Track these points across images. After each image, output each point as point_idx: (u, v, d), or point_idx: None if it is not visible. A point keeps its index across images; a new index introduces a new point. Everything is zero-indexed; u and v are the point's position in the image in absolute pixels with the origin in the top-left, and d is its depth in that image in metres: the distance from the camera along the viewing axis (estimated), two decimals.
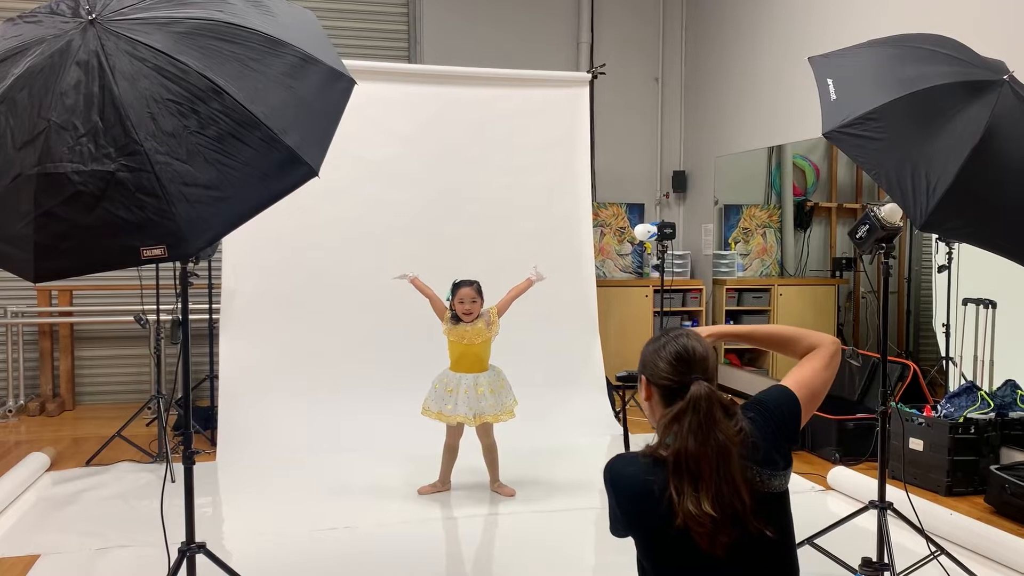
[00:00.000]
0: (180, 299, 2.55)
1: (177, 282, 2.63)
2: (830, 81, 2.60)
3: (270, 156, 2.09)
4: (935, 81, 2.47)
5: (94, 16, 2.10)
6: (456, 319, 3.92)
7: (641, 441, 1.69)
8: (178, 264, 2.52)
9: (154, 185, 1.97)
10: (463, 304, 3.88)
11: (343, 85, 2.33)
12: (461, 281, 3.94)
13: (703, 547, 1.52)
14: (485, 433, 4.01)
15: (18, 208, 1.98)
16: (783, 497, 1.66)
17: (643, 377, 1.76)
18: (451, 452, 4.06)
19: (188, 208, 1.99)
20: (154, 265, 4.60)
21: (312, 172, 2.17)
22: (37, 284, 2.85)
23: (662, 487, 1.57)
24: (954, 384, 4.78)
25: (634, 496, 1.62)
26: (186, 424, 2.64)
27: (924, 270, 5.78)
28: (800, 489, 4.05)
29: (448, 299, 3.95)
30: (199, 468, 3.81)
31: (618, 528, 1.70)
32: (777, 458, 1.64)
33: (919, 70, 2.53)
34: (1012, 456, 4.05)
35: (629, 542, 1.69)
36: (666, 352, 1.70)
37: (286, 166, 2.12)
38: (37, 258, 1.98)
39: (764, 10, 6.18)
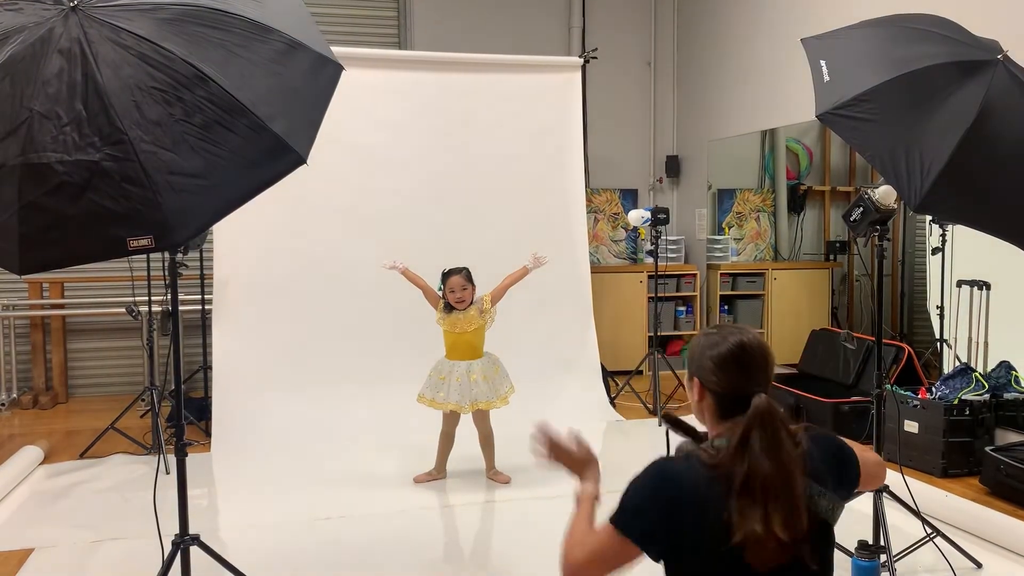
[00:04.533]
0: (169, 290, 2.52)
1: (166, 273, 2.60)
2: (823, 63, 2.58)
3: (257, 144, 2.07)
4: (929, 61, 2.45)
5: (76, 3, 2.07)
6: (449, 308, 3.91)
7: (635, 428, 1.66)
8: (167, 254, 2.49)
9: (140, 174, 1.95)
10: (454, 292, 3.87)
11: (330, 71, 2.30)
12: (450, 270, 3.93)
13: (754, 565, 1.41)
14: (481, 420, 4.01)
15: (1, 199, 1.95)
16: (829, 528, 1.55)
17: (695, 379, 1.58)
18: (447, 440, 4.05)
19: (175, 197, 1.97)
20: (144, 256, 4.57)
21: (300, 159, 2.15)
22: (23, 276, 2.82)
23: (718, 504, 1.43)
24: (949, 366, 4.78)
25: (691, 507, 1.45)
26: (178, 416, 2.62)
27: (918, 252, 5.78)
28: None
29: (439, 288, 3.93)
30: (193, 459, 3.79)
31: (650, 534, 1.52)
32: (827, 478, 1.53)
33: (913, 50, 2.51)
34: (1007, 437, 4.05)
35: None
36: (717, 353, 1.54)
37: (274, 153, 2.10)
38: (22, 250, 1.96)
39: None
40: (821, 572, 1.52)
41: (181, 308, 4.06)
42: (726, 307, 6.73)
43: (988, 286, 4.63)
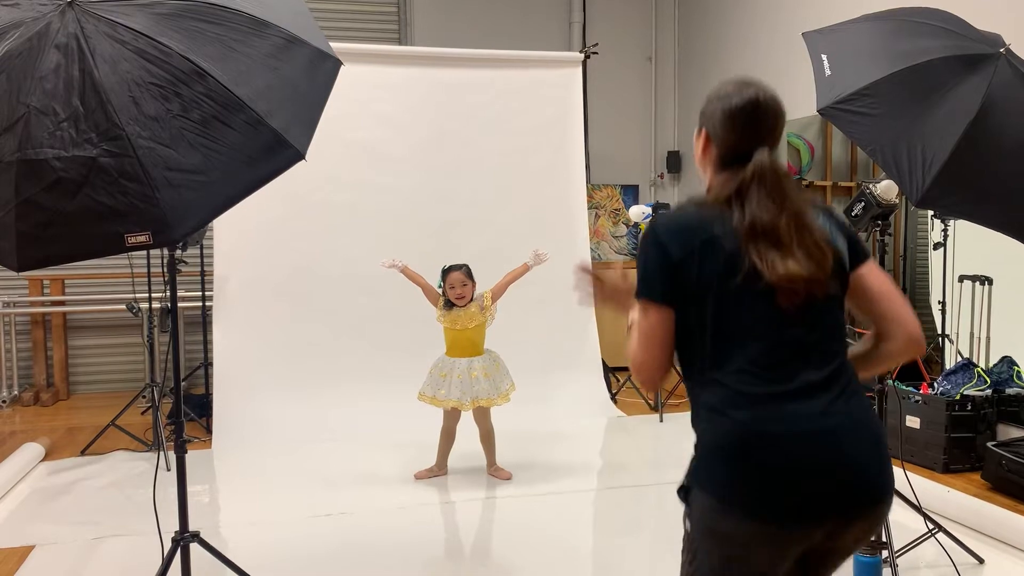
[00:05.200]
0: (168, 286, 2.52)
1: (165, 269, 2.60)
2: (824, 57, 2.56)
3: (256, 139, 2.06)
4: (931, 55, 2.44)
5: None
6: (449, 305, 3.90)
7: (636, 424, 1.66)
8: (166, 251, 2.48)
9: (137, 170, 1.94)
10: (454, 289, 3.86)
11: (329, 66, 2.29)
12: (450, 266, 3.92)
13: (782, 303, 1.45)
14: (482, 417, 4.00)
15: None
16: (844, 270, 1.56)
17: (703, 129, 1.59)
18: (448, 437, 4.05)
19: (172, 193, 1.96)
20: (145, 252, 4.57)
21: (299, 155, 2.14)
22: (21, 273, 2.81)
23: (727, 222, 1.47)
24: (951, 361, 4.77)
25: (697, 223, 1.49)
26: (177, 412, 2.61)
27: (920, 247, 5.77)
28: None
29: (439, 285, 3.93)
30: (194, 456, 3.80)
31: (662, 285, 1.52)
32: (837, 236, 1.55)
33: (914, 44, 2.50)
34: (1008, 432, 4.04)
35: (628, 530, 1.64)
36: (729, 104, 1.53)
37: (272, 149, 2.09)
38: (20, 246, 1.95)
39: None
40: (838, 314, 1.53)
41: (182, 305, 4.06)
42: None
43: (990, 281, 4.61)
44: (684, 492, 1.52)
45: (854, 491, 1.45)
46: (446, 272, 3.91)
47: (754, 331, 1.47)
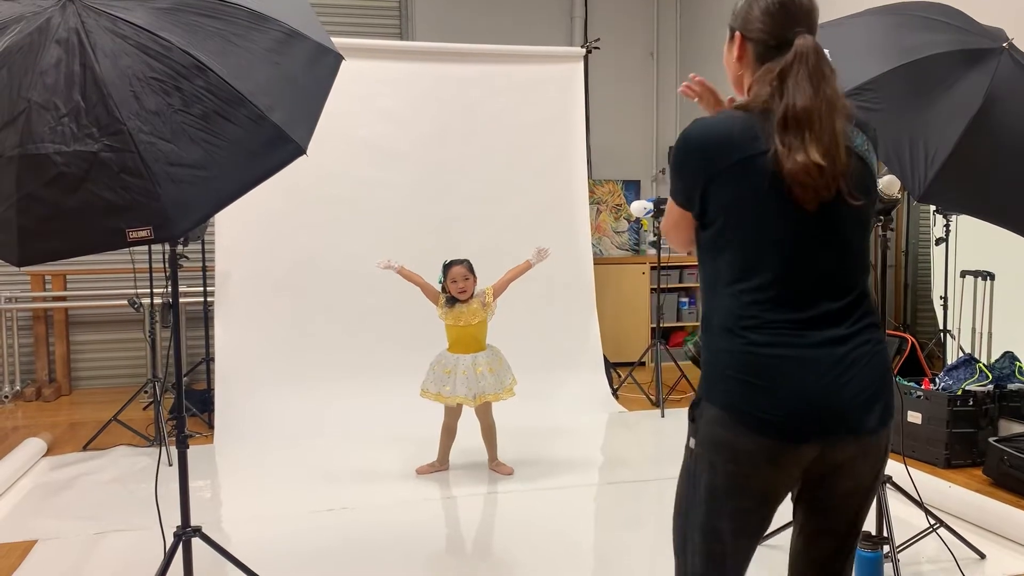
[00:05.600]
0: (170, 282, 2.52)
1: (167, 265, 2.60)
2: (827, 51, 2.55)
3: (257, 134, 2.06)
4: (933, 50, 2.43)
5: None
6: (451, 301, 3.90)
7: (638, 419, 1.67)
8: (167, 246, 2.48)
9: (138, 165, 1.94)
10: (456, 283, 3.86)
11: (330, 61, 2.28)
12: (452, 261, 3.93)
13: (800, 199, 1.46)
14: (484, 413, 4.00)
15: (0, 191, 1.94)
16: (870, 172, 1.58)
17: (737, 33, 1.59)
18: (449, 433, 4.05)
19: (174, 188, 1.96)
20: (147, 248, 4.57)
21: (300, 150, 2.13)
22: (22, 268, 2.81)
23: (757, 136, 1.47)
24: (952, 357, 4.77)
25: (727, 139, 1.49)
26: (179, 408, 2.62)
27: (922, 242, 5.76)
28: None
29: (440, 281, 3.93)
30: (196, 451, 3.81)
31: (684, 196, 1.56)
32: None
33: (917, 39, 2.49)
34: (1010, 428, 4.04)
35: (630, 525, 1.66)
36: (765, 1, 1.54)
37: (273, 144, 2.09)
38: (21, 241, 1.95)
39: None
40: (864, 211, 1.55)
41: (183, 300, 4.05)
42: None
43: (992, 276, 4.61)
44: (693, 408, 1.58)
45: (850, 414, 1.50)
46: (448, 266, 3.91)
47: (778, 254, 1.49)
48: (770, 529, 1.73)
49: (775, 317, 1.49)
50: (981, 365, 4.13)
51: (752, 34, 1.57)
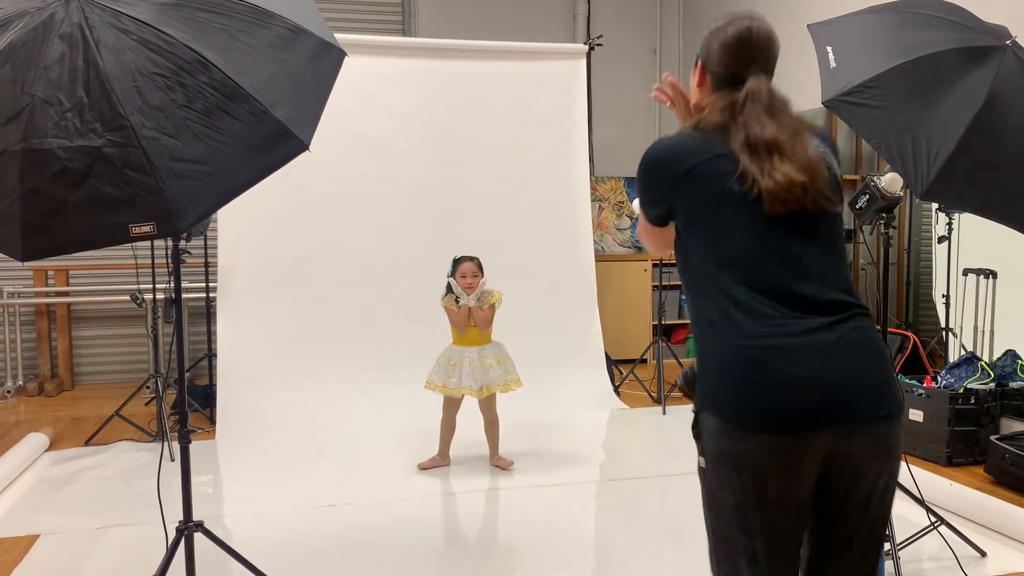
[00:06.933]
0: (172, 277, 2.52)
1: (169, 260, 2.60)
2: (830, 49, 2.55)
3: (260, 130, 2.06)
4: (936, 47, 2.43)
5: None
6: (458, 300, 3.91)
7: (639, 416, 1.67)
8: (170, 241, 2.48)
9: (142, 160, 1.94)
10: (465, 278, 3.88)
11: (333, 57, 2.28)
12: (462, 257, 3.95)
13: (774, 209, 1.50)
14: (488, 407, 4.01)
15: (3, 186, 1.94)
16: (838, 184, 1.63)
17: (700, 62, 1.69)
18: (448, 427, 4.06)
19: (177, 184, 1.96)
20: (149, 243, 4.58)
21: (303, 146, 2.13)
22: (26, 263, 2.82)
23: (719, 146, 1.54)
24: (954, 355, 4.77)
25: (684, 150, 1.57)
26: (181, 403, 2.62)
27: (924, 240, 5.75)
28: None
29: (449, 275, 3.94)
30: (199, 447, 3.81)
31: (654, 209, 1.67)
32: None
33: (920, 36, 2.49)
34: (1012, 426, 4.04)
35: (631, 521, 1.66)
36: (726, 35, 1.64)
37: (276, 140, 2.09)
38: (24, 236, 1.95)
39: None
40: (834, 208, 1.59)
41: (186, 296, 4.05)
42: None
43: (994, 274, 4.60)
44: (695, 424, 1.56)
45: (852, 398, 1.47)
46: (458, 261, 3.94)
47: (753, 246, 1.51)
48: None
49: (760, 310, 1.48)
50: (983, 363, 4.13)
51: (711, 66, 1.65)
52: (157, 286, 4.76)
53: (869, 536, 1.56)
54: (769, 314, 1.48)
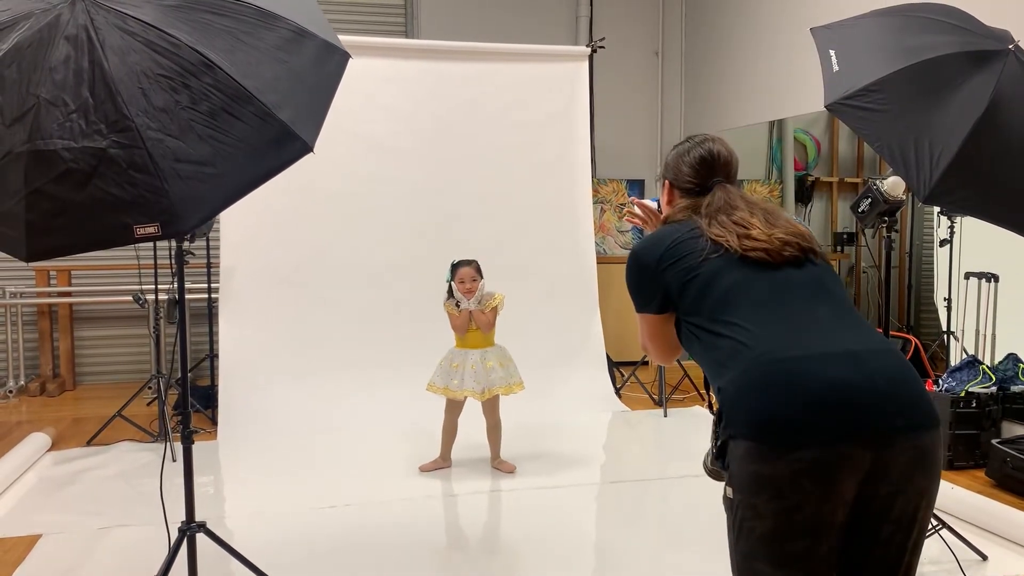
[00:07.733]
0: (176, 278, 2.53)
1: (173, 261, 2.61)
2: (832, 52, 2.56)
3: (264, 131, 2.06)
4: (939, 51, 2.43)
5: None
6: (458, 304, 3.91)
7: (641, 418, 1.68)
8: (173, 242, 2.49)
9: (146, 162, 1.94)
10: (464, 283, 3.87)
11: (337, 59, 2.29)
12: (460, 261, 3.94)
13: (763, 258, 1.61)
14: (491, 409, 4.01)
15: (8, 186, 1.95)
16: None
17: (666, 181, 1.88)
18: (450, 431, 4.06)
19: (181, 185, 1.96)
20: (151, 244, 4.58)
21: (307, 147, 2.14)
22: (30, 263, 2.82)
23: (696, 230, 1.68)
24: (956, 358, 4.77)
25: (662, 235, 1.72)
26: (184, 403, 2.63)
27: (926, 244, 5.76)
28: None
29: (448, 280, 3.94)
30: (200, 447, 3.82)
31: (651, 297, 1.72)
32: None
33: (923, 40, 2.49)
34: (1013, 430, 4.04)
35: (631, 523, 1.66)
36: (691, 157, 1.82)
37: (280, 141, 2.09)
38: (29, 237, 1.95)
39: None
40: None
41: (188, 296, 4.07)
42: None
43: (996, 278, 4.61)
44: (721, 454, 1.50)
45: (890, 402, 1.42)
46: (456, 266, 3.92)
47: (749, 285, 1.59)
48: None
49: (770, 329, 1.52)
50: (984, 367, 4.13)
51: (681, 183, 1.84)
52: (159, 287, 4.76)
53: (908, 566, 1.49)
54: (781, 330, 1.51)
